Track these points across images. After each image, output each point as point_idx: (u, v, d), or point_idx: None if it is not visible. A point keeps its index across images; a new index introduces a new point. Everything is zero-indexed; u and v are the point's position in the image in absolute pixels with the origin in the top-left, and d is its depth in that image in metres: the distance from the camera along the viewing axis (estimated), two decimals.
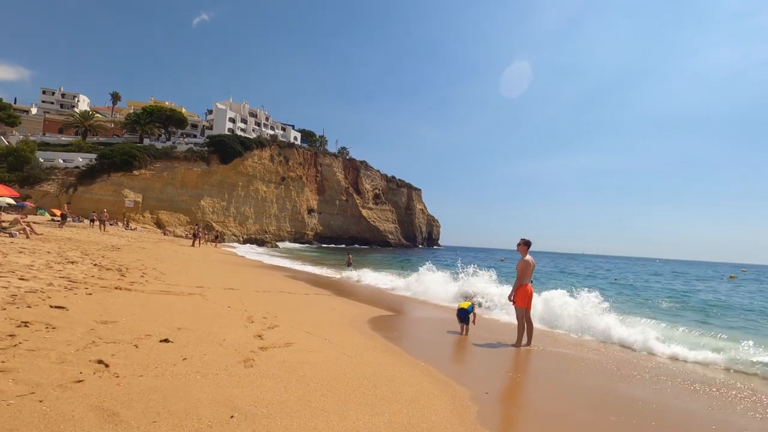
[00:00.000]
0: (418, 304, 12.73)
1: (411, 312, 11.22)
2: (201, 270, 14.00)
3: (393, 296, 14.07)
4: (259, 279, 14.12)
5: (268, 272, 18.98)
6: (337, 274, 21.97)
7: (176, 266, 13.57)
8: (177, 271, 12.03)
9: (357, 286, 16.66)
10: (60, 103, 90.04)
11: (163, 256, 16.85)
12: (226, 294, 8.75)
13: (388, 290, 15.78)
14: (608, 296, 15.53)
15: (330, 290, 14.12)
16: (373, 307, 10.62)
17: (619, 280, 36.25)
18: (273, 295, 10.08)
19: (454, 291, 14.31)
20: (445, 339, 7.79)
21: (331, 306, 9.69)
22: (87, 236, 22.39)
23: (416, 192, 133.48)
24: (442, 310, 11.75)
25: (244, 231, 68.22)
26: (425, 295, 14.45)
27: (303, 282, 16.23)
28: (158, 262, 13.43)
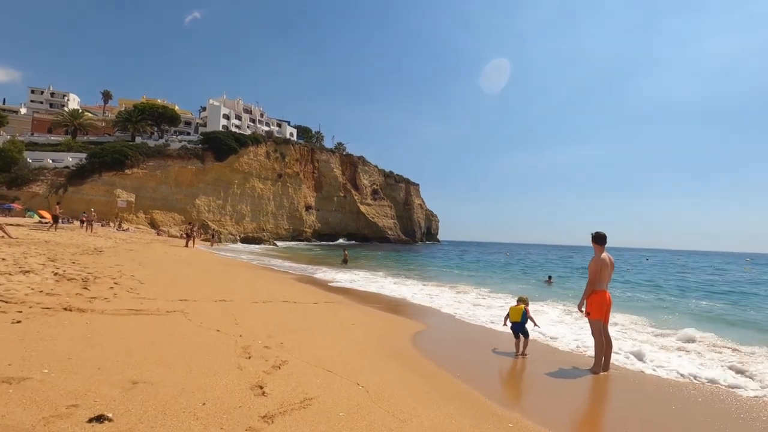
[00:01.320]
0: (440, 313, 10.95)
1: (441, 324, 9.33)
2: (190, 275, 12.26)
3: (412, 304, 12.26)
4: (257, 284, 12.27)
5: (268, 275, 17.12)
6: (341, 275, 20.21)
7: (161, 272, 11.72)
8: (160, 278, 10.24)
9: (369, 290, 14.86)
10: (49, 103, 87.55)
11: (149, 260, 14.98)
12: (215, 309, 6.93)
13: (404, 298, 13.92)
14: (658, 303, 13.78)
15: (341, 295, 12.32)
16: (397, 316, 8.83)
17: (631, 271, 34.79)
18: (275, 306, 8.25)
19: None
20: (503, 363, 6.01)
21: (349, 319, 7.88)
22: (70, 239, 20.51)
23: (414, 187, 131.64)
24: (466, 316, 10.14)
25: (240, 229, 66.27)
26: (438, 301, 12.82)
27: (308, 286, 14.40)
28: (141, 267, 11.58)
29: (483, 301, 13.40)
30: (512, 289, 17.50)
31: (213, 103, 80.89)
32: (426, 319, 9.47)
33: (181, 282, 10.14)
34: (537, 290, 18.60)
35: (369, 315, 8.91)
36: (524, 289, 19.50)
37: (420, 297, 13.69)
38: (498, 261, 45.41)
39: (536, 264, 41.94)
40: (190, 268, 14.85)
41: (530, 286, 21.02)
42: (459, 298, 13.70)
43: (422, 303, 12.43)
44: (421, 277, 21.99)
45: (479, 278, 23.59)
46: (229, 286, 10.82)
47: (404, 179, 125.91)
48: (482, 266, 35.16)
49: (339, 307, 9.61)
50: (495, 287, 18.81)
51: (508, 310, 6.98)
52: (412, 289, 15.85)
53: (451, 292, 15.40)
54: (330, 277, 19.07)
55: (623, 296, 17.09)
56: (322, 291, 13.30)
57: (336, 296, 12.04)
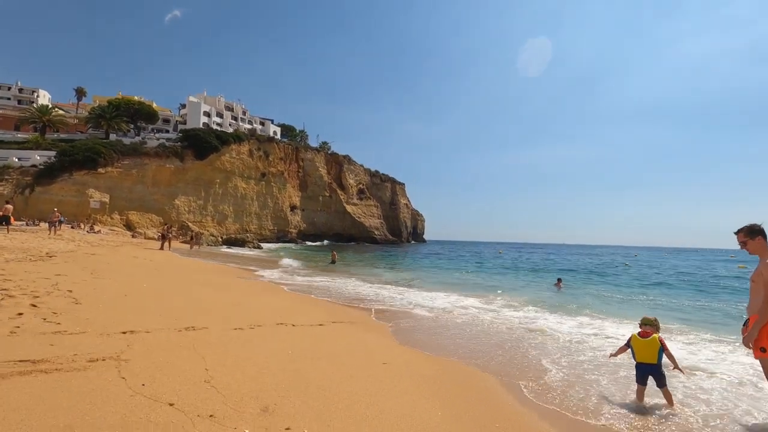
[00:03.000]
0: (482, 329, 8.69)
1: (499, 356, 6.69)
2: (153, 288, 9.85)
3: (447, 320, 9.83)
4: (241, 298, 9.89)
5: (252, 284, 14.66)
6: (339, 280, 17.84)
7: (115, 284, 9.25)
8: (109, 293, 7.90)
9: (381, 301, 12.55)
10: (17, 99, 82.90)
11: (110, 267, 12.44)
12: (177, 347, 4.59)
13: (423, 307, 11.62)
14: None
15: (349, 307, 10.15)
16: (444, 348, 6.57)
17: (629, 266, 33.01)
18: (266, 334, 5.93)
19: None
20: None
21: (375, 353, 5.66)
22: (22, 242, 17.81)
23: (400, 186, 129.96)
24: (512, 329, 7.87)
25: (223, 231, 63.36)
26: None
27: (306, 297, 11.99)
28: (90, 278, 9.09)
29: (538, 314, 11.12)
30: (544, 298, 15.41)
31: (193, 100, 77.58)
32: (491, 354, 6.89)
33: (137, 299, 7.80)
34: (558, 297, 16.50)
35: (401, 344, 6.68)
36: (536, 292, 17.47)
37: (448, 308, 11.35)
38: (497, 261, 43.59)
39: (535, 264, 40.20)
40: (158, 277, 12.30)
41: (543, 290, 19.04)
42: (503, 313, 11.11)
43: (457, 316, 10.12)
44: (433, 283, 19.67)
45: (494, 283, 21.46)
46: (203, 302, 8.43)
47: (390, 179, 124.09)
48: (487, 268, 33.11)
49: (353, 330, 7.36)
50: (520, 293, 16.84)
51: (630, 343, 4.78)
52: (437, 299, 13.48)
53: (481, 302, 13.03)
54: (328, 283, 16.70)
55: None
56: (325, 303, 10.99)
57: (344, 310, 9.76)
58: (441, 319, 9.76)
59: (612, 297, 16.85)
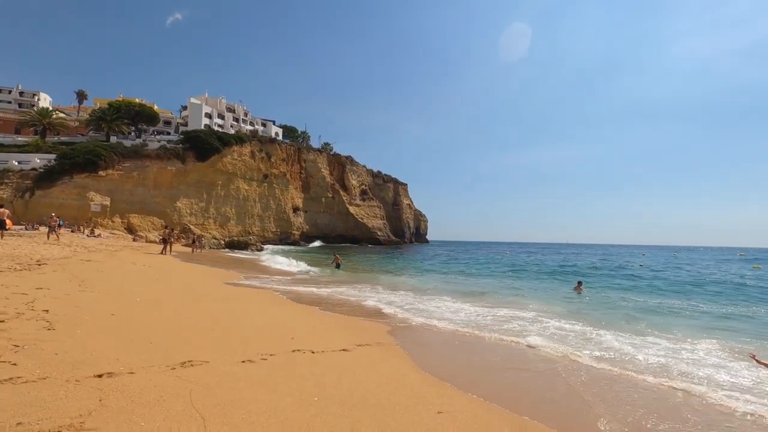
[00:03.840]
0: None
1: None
2: (147, 302, 8.61)
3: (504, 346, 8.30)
4: (245, 313, 8.81)
5: (257, 295, 13.50)
6: (355, 290, 16.53)
7: (103, 297, 8.14)
8: (92, 313, 6.68)
9: (403, 313, 11.41)
10: (18, 102, 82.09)
11: (102, 277, 11.36)
12: (168, 394, 3.56)
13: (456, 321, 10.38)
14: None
15: (372, 320, 9.15)
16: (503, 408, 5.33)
17: (642, 266, 31.64)
18: (279, 367, 4.87)
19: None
20: None
21: (425, 400, 4.51)
22: (14, 248, 16.81)
23: (402, 187, 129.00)
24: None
25: (225, 233, 62.38)
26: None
27: (325, 313, 10.70)
28: (78, 292, 7.98)
29: (593, 335, 9.14)
30: (579, 307, 14.23)
31: (194, 101, 76.66)
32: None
33: (126, 319, 6.57)
34: (596, 306, 15.16)
35: (447, 382, 5.44)
36: (565, 300, 16.35)
37: (481, 321, 10.04)
38: (508, 263, 42.48)
39: (546, 265, 39.04)
40: (154, 287, 11.25)
41: (569, 296, 17.91)
42: (550, 330, 9.55)
43: (497, 335, 8.76)
44: (451, 291, 18.23)
45: (514, 288, 20.22)
46: (203, 320, 7.45)
47: (392, 179, 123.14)
48: (499, 271, 31.86)
49: (383, 355, 6.25)
50: (547, 301, 15.53)
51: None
52: (461, 311, 12.25)
53: (514, 314, 11.63)
54: (338, 291, 15.41)
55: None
56: (340, 318, 9.83)
57: (363, 327, 8.62)
58: (481, 342, 8.35)
59: (660, 306, 15.07)
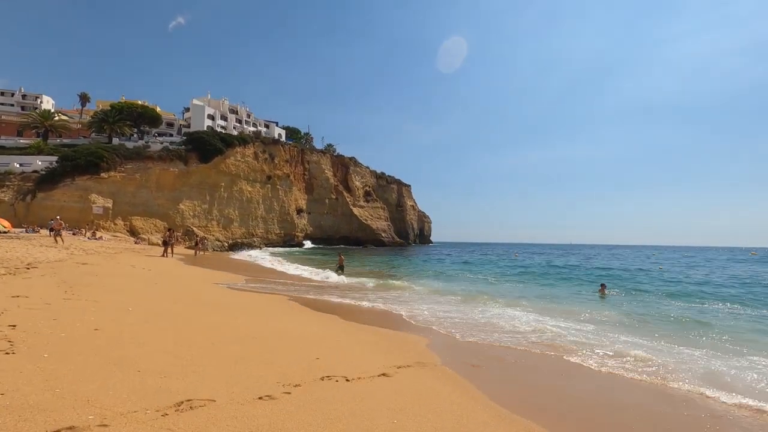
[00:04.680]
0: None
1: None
2: (140, 313, 7.58)
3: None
4: (255, 324, 7.97)
5: (269, 302, 12.32)
6: (376, 293, 15.61)
7: (89, 309, 7.29)
8: (73, 329, 5.70)
9: (440, 321, 10.23)
10: (21, 105, 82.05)
11: (95, 282, 10.80)
12: None
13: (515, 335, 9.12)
14: None
15: (413, 333, 8.24)
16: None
17: (663, 270, 30.96)
18: (306, 404, 3.99)
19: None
20: None
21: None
22: (6, 251, 16.28)
23: (406, 188, 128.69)
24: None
25: (228, 235, 62.06)
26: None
27: (339, 320, 9.69)
28: (61, 300, 7.34)
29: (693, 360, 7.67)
30: (625, 310, 13.50)
31: (196, 103, 76.44)
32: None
33: (111, 338, 5.48)
34: (639, 313, 13.88)
35: (528, 418, 4.51)
36: (610, 305, 15.88)
37: (543, 335, 8.99)
38: (523, 264, 42.00)
39: (562, 267, 38.51)
40: (151, 293, 10.58)
41: (586, 299, 17.45)
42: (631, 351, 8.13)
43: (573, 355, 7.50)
44: (477, 292, 17.24)
45: (547, 291, 19.16)
46: (206, 336, 6.37)
47: (396, 180, 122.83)
48: (518, 272, 30.98)
49: (436, 383, 5.28)
50: (593, 307, 14.62)
51: None
52: (514, 318, 11.14)
53: (577, 326, 10.60)
54: (365, 300, 13.99)
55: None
56: (368, 329, 8.73)
57: (396, 340, 7.69)
58: (555, 364, 7.01)
59: (737, 317, 13.37)
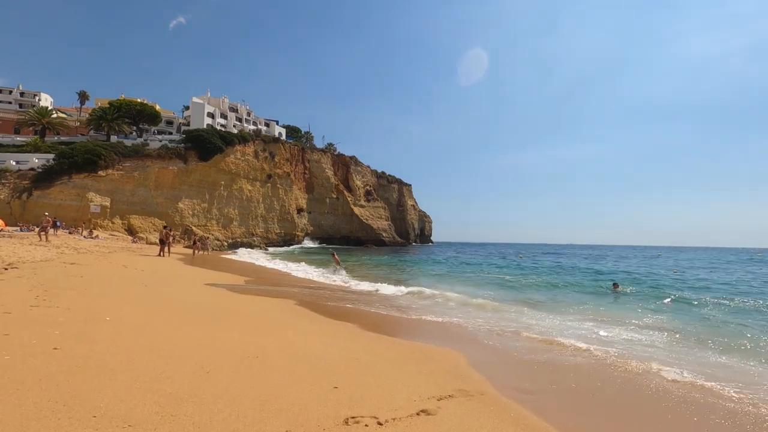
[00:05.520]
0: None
1: None
2: (117, 324, 6.35)
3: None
4: (257, 342, 6.39)
5: (271, 308, 10.69)
6: (389, 292, 14.60)
7: (57, 320, 6.11)
8: (23, 350, 4.64)
9: (476, 329, 9.17)
10: (19, 103, 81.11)
11: (77, 284, 9.82)
12: None
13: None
14: None
15: (443, 356, 6.63)
16: None
17: (678, 272, 29.92)
18: None
19: None
20: None
21: None
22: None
23: (407, 187, 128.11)
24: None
25: (228, 235, 61.25)
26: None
27: (356, 329, 8.56)
28: (26, 309, 6.25)
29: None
30: (667, 315, 12.49)
31: (196, 101, 75.57)
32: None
33: (72, 359, 4.45)
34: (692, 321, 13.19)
35: None
36: (596, 299, 15.04)
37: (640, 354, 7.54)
38: (508, 262, 41.14)
39: (578, 268, 37.65)
40: (138, 298, 9.41)
41: (598, 296, 16.62)
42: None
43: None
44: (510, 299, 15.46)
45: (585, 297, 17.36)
46: (194, 360, 5.03)
47: (397, 180, 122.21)
48: (537, 274, 29.63)
49: (493, 425, 4.02)
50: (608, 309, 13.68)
51: None
52: (577, 330, 9.68)
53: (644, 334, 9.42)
54: (380, 303, 12.47)
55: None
56: (396, 343, 7.45)
57: (435, 358, 6.29)
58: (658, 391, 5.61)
59: None
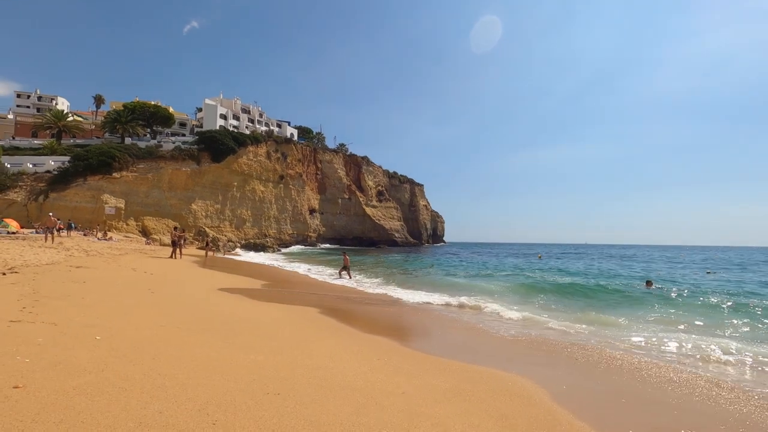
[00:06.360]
0: None
1: None
2: (113, 341, 5.31)
3: None
4: (285, 371, 5.03)
5: (294, 318, 9.26)
6: (441, 302, 13.61)
7: (36, 335, 5.12)
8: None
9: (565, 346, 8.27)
10: (36, 107, 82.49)
11: (80, 289, 9.23)
12: None
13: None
14: None
15: (525, 391, 5.28)
16: None
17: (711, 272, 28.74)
18: None
19: None
20: None
21: None
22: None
23: (419, 187, 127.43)
24: None
25: (241, 236, 61.33)
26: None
27: (397, 346, 7.38)
28: (5, 324, 5.42)
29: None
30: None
31: (209, 102, 75.99)
32: None
33: (27, 406, 3.19)
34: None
35: None
36: (631, 300, 14.45)
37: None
38: (528, 264, 40.39)
39: (606, 269, 36.81)
40: (141, 308, 8.00)
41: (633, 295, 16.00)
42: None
43: None
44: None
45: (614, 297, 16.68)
46: (190, 408, 3.57)
47: (409, 180, 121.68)
48: (585, 276, 28.77)
49: None
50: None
51: None
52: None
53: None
54: (421, 311, 11.42)
55: None
56: (448, 365, 6.22)
57: (515, 392, 5.18)
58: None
59: None
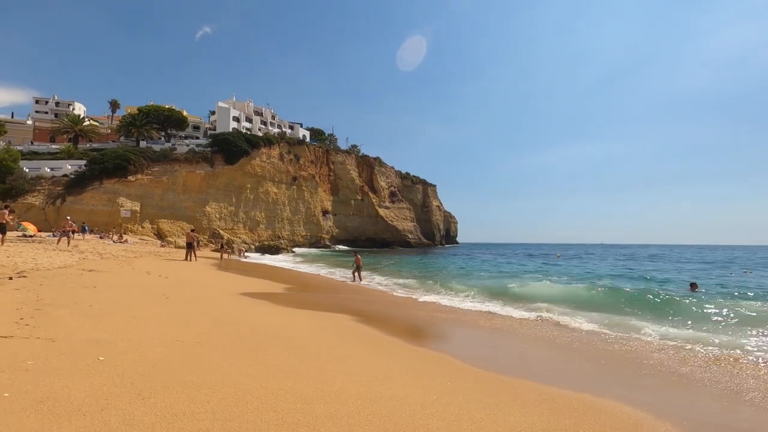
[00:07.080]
0: None
1: None
2: (118, 363, 4.27)
3: None
4: (326, 404, 3.88)
5: (329, 328, 8.33)
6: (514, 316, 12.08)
7: (24, 355, 4.18)
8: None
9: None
10: (54, 113, 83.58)
11: (90, 295, 8.55)
12: None
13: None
14: None
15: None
16: None
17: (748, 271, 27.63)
18: None
19: None
20: None
21: None
22: (7, 256, 14.61)
23: (431, 188, 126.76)
24: None
25: (255, 238, 61.42)
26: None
27: (459, 364, 6.33)
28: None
29: None
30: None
31: (222, 105, 76.38)
32: None
33: None
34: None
35: None
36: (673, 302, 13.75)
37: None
38: (546, 264, 39.68)
39: (635, 270, 35.87)
40: (155, 319, 6.97)
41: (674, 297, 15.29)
42: None
43: None
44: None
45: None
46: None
47: (421, 180, 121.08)
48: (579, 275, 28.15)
49: None
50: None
51: None
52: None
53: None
54: (491, 323, 10.44)
55: None
56: (551, 393, 5.13)
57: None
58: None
59: None
